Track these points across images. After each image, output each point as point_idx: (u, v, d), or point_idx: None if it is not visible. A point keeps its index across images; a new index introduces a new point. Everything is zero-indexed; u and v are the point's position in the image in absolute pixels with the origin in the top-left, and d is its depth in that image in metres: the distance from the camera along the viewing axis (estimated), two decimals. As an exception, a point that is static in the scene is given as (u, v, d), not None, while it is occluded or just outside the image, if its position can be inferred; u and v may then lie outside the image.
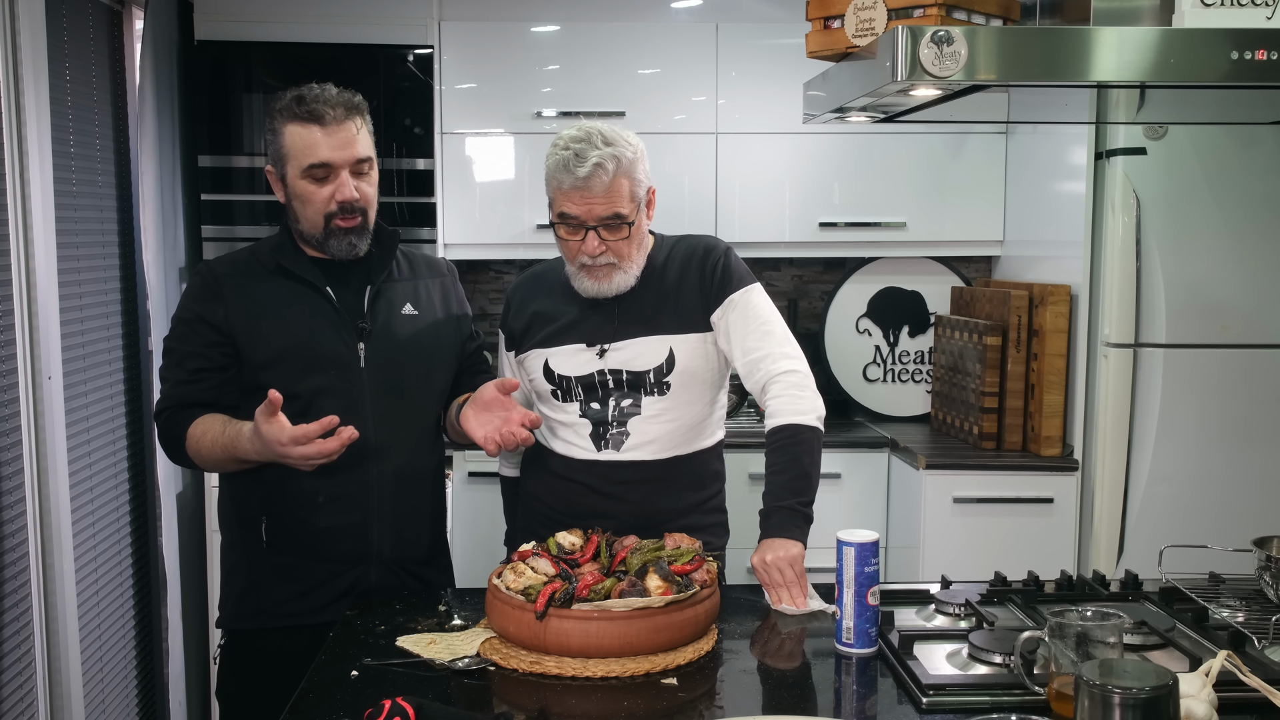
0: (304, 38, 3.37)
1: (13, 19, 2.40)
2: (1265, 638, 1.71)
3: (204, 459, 2.00)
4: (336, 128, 1.97)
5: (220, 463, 1.99)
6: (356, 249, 2.04)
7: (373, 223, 2.07)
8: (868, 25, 1.80)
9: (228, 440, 1.94)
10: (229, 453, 1.94)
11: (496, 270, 3.93)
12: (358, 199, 2.00)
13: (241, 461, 1.95)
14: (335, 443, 1.83)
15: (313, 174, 1.98)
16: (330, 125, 1.96)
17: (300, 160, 1.98)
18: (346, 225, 2.01)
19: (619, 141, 2.03)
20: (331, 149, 1.96)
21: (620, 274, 2.09)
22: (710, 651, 1.74)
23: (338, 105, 1.97)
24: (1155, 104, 2.09)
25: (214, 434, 1.96)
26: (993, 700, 1.53)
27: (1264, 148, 3.05)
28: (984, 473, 3.20)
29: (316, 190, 1.98)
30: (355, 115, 2.00)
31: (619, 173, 2.01)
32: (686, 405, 2.13)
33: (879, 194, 3.60)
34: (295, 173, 1.99)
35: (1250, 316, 3.07)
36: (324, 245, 2.03)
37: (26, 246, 2.46)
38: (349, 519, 2.04)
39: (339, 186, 1.98)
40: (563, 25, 3.50)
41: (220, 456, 1.97)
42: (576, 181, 2.00)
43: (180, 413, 2.01)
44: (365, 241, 2.05)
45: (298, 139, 1.97)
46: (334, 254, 2.04)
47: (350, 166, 1.99)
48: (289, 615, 2.04)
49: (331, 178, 1.98)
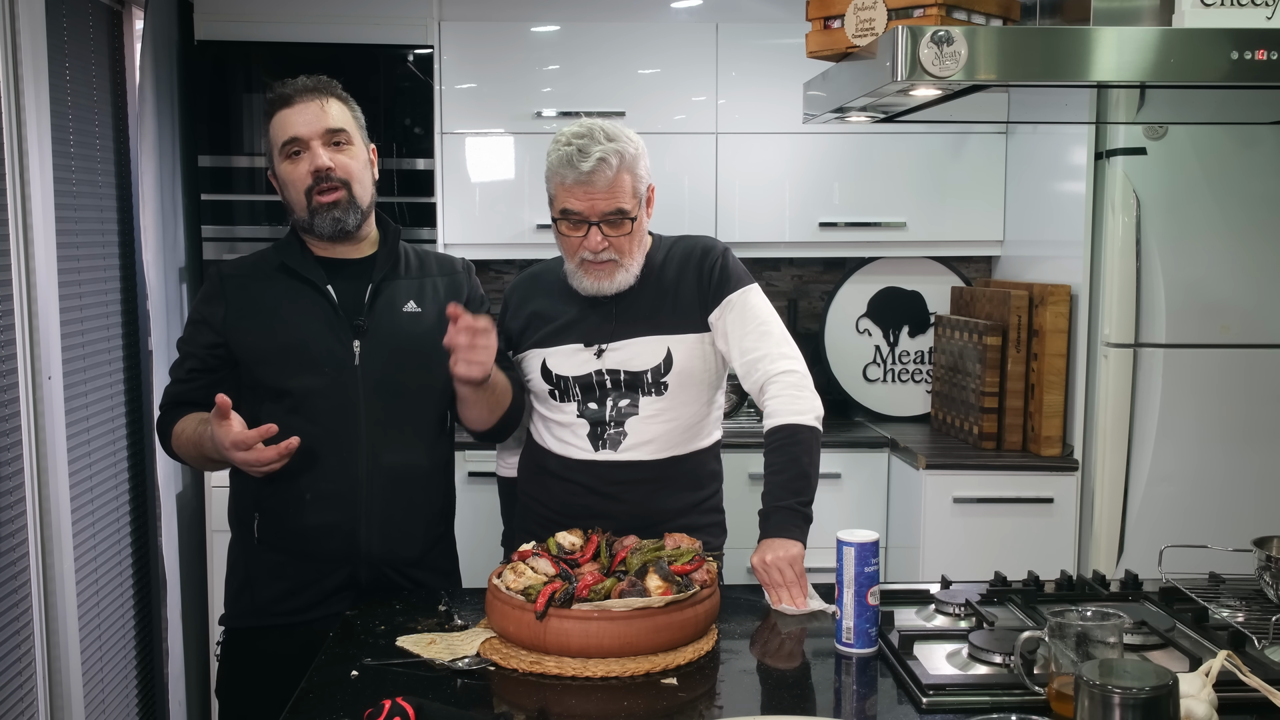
0: (304, 38, 3.37)
1: (13, 19, 2.40)
2: (1265, 638, 1.71)
3: (184, 456, 2.07)
4: (303, 105, 2.03)
5: (196, 460, 2.06)
6: (343, 223, 2.04)
7: (365, 202, 2.07)
8: (868, 25, 1.80)
9: (198, 438, 1.99)
10: (199, 449, 1.99)
11: (496, 270, 3.93)
12: (331, 167, 2.02)
13: (212, 461, 1.99)
14: (272, 452, 1.86)
15: (287, 153, 2.03)
16: (297, 104, 2.03)
17: (277, 143, 2.04)
18: (327, 200, 2.02)
19: (621, 137, 2.04)
20: (299, 125, 2.02)
21: (622, 271, 2.09)
22: (710, 651, 1.74)
23: (304, 88, 2.04)
24: (1155, 104, 2.09)
25: (189, 432, 2.01)
26: (993, 700, 1.53)
27: (1264, 148, 3.04)
28: (984, 473, 3.20)
29: (293, 168, 2.03)
30: (323, 93, 2.05)
31: (622, 168, 2.02)
32: (684, 405, 2.13)
33: (879, 194, 3.60)
34: (278, 159, 2.05)
35: (1250, 316, 3.06)
36: (312, 226, 2.05)
37: (26, 246, 2.46)
38: (337, 517, 2.04)
39: (312, 158, 2.02)
40: (563, 25, 3.50)
41: (194, 454, 2.03)
42: (580, 176, 2.00)
43: (172, 411, 2.07)
44: (353, 217, 2.05)
45: (275, 127, 2.05)
46: (322, 233, 2.05)
47: (321, 138, 2.02)
48: (281, 614, 2.04)
49: (304, 152, 2.02)
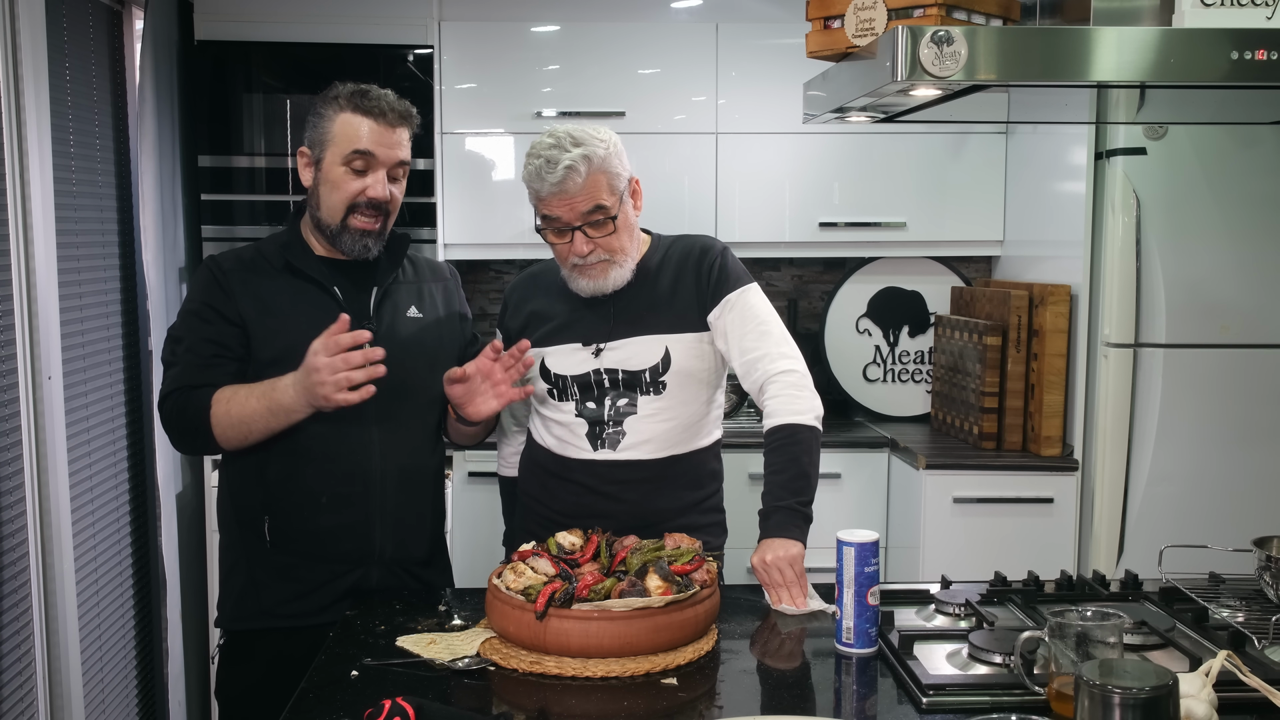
0: (304, 38, 3.38)
1: (13, 19, 2.40)
2: (1265, 638, 1.71)
3: (232, 419, 1.93)
4: (389, 129, 2.02)
5: (250, 417, 1.93)
6: (369, 251, 2.06)
7: (389, 230, 2.09)
8: (868, 25, 1.80)
9: (263, 389, 1.92)
10: (266, 398, 1.91)
11: (496, 270, 3.93)
12: (387, 199, 2.03)
13: (274, 411, 1.91)
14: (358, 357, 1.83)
15: (352, 162, 2.00)
16: (384, 124, 2.01)
17: (345, 145, 2.00)
18: (366, 226, 2.03)
19: (588, 140, 2.03)
20: (379, 143, 2.01)
21: (616, 269, 2.09)
22: (710, 651, 1.74)
23: (397, 108, 2.04)
24: (1155, 104, 2.09)
25: (244, 391, 1.94)
26: (993, 700, 1.53)
27: (1264, 148, 3.04)
28: (984, 473, 3.20)
29: (351, 180, 2.01)
30: (408, 123, 2.06)
31: (592, 171, 2.02)
32: (683, 405, 2.13)
33: (879, 194, 3.60)
34: (335, 158, 2.01)
35: (1250, 316, 3.06)
36: (337, 239, 2.04)
37: (26, 246, 2.46)
38: (351, 519, 2.04)
39: (374, 182, 2.01)
40: (563, 25, 3.50)
41: (255, 407, 1.92)
42: (552, 187, 2.01)
43: (194, 391, 1.96)
44: (379, 246, 2.07)
45: (349, 126, 2.00)
46: (345, 251, 2.05)
47: (390, 167, 2.03)
48: (289, 616, 2.04)
49: (369, 171, 2.01)
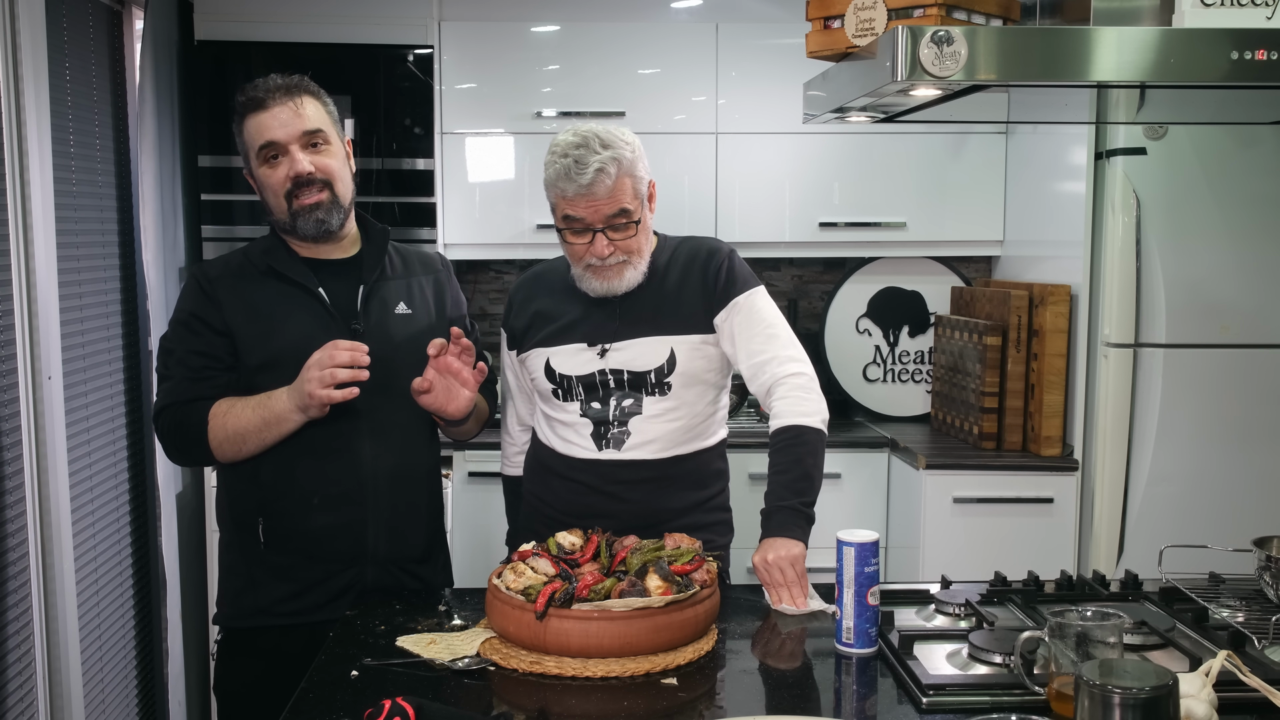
0: (304, 38, 3.37)
1: (13, 19, 2.40)
2: (1265, 638, 1.71)
3: (228, 432, 1.96)
4: (278, 108, 2.00)
5: (245, 430, 1.96)
6: (326, 224, 2.03)
7: (347, 200, 2.06)
8: (868, 25, 1.80)
9: (258, 400, 1.96)
10: (262, 408, 1.95)
11: (496, 270, 3.93)
12: (311, 171, 2.01)
13: (268, 421, 1.94)
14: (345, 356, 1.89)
15: (265, 157, 2.01)
16: (272, 107, 2.00)
17: (254, 147, 2.02)
18: (309, 201, 2.01)
19: (616, 143, 2.03)
20: (275, 126, 2.00)
21: (631, 270, 2.10)
22: (710, 651, 1.74)
23: (277, 88, 2.02)
24: (1155, 104, 2.09)
25: (240, 404, 1.97)
26: (993, 700, 1.53)
27: (1264, 148, 3.04)
28: (984, 473, 3.20)
29: (272, 172, 2.02)
30: (298, 94, 2.03)
31: (621, 174, 2.02)
32: (688, 405, 2.13)
33: (879, 194, 3.60)
34: (256, 162, 2.03)
35: (1250, 316, 3.06)
36: (295, 229, 2.04)
37: (26, 246, 2.46)
38: (345, 519, 2.04)
39: (291, 163, 2.00)
40: (563, 25, 3.50)
41: (250, 418, 1.95)
42: (580, 189, 2.00)
43: (189, 405, 1.99)
44: (336, 217, 2.05)
45: (251, 129, 2.02)
46: (306, 234, 2.04)
47: (299, 141, 2.01)
48: (286, 614, 2.04)
49: (282, 156, 2.01)
